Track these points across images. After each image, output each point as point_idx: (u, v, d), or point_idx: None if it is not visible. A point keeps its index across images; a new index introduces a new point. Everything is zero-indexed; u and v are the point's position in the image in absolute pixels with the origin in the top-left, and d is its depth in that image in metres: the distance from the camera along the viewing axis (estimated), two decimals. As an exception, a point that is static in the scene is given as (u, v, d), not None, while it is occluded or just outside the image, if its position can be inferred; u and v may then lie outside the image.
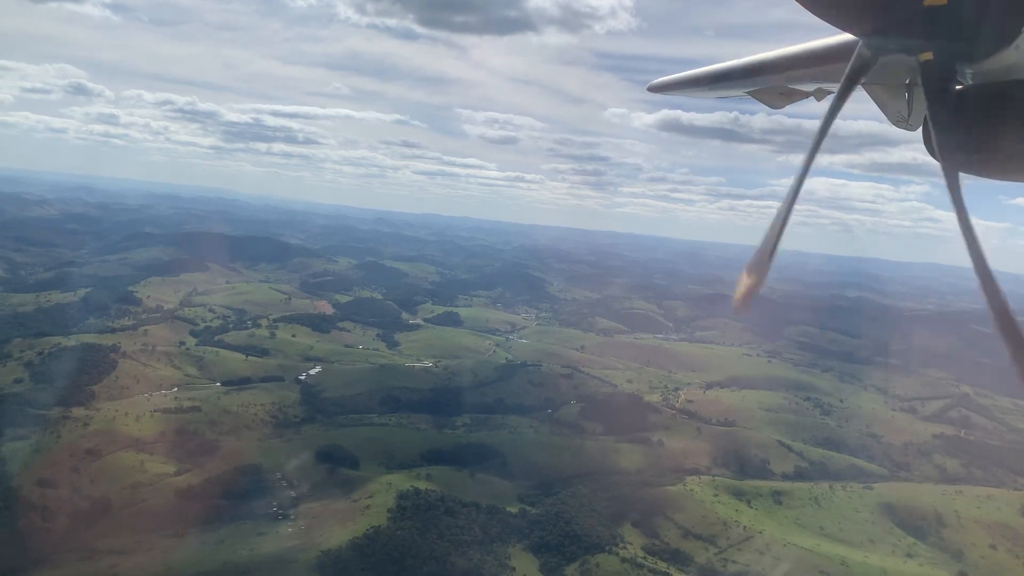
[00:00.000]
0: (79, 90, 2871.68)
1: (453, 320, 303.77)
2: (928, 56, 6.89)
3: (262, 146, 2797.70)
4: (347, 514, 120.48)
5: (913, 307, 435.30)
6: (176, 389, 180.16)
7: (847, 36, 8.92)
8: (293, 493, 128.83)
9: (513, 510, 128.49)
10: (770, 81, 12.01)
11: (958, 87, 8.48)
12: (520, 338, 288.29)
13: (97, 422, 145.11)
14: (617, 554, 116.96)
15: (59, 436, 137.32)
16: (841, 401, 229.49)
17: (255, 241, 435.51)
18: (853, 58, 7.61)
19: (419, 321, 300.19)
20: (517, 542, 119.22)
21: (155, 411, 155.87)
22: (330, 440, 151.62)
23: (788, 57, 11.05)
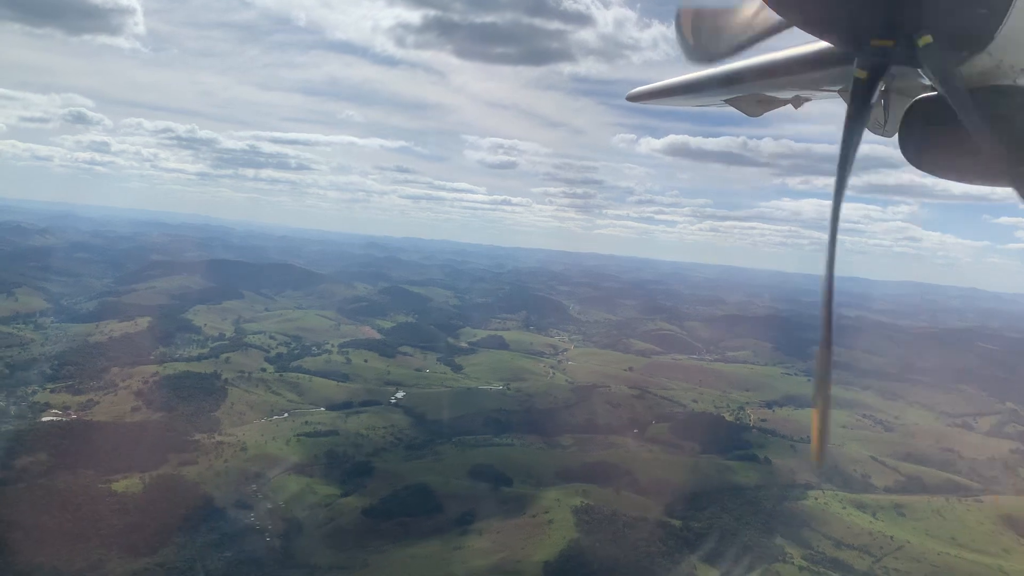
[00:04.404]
0: (78, 119, 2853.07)
1: (499, 343, 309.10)
2: (928, 39, 7.08)
3: (250, 172, 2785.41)
4: (534, 528, 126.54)
5: (912, 325, 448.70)
6: (286, 415, 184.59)
7: (823, 44, 9.34)
8: (465, 510, 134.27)
9: (677, 524, 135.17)
10: (747, 89, 12.31)
11: (935, 93, 9.05)
12: (568, 360, 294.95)
13: (252, 447, 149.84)
14: (792, 563, 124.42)
15: (226, 460, 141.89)
16: (896, 418, 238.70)
17: (275, 268, 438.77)
18: (851, 86, 8.06)
19: (465, 344, 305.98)
20: (691, 553, 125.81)
21: (298, 435, 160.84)
22: (470, 460, 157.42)
23: (765, 65, 11.27)
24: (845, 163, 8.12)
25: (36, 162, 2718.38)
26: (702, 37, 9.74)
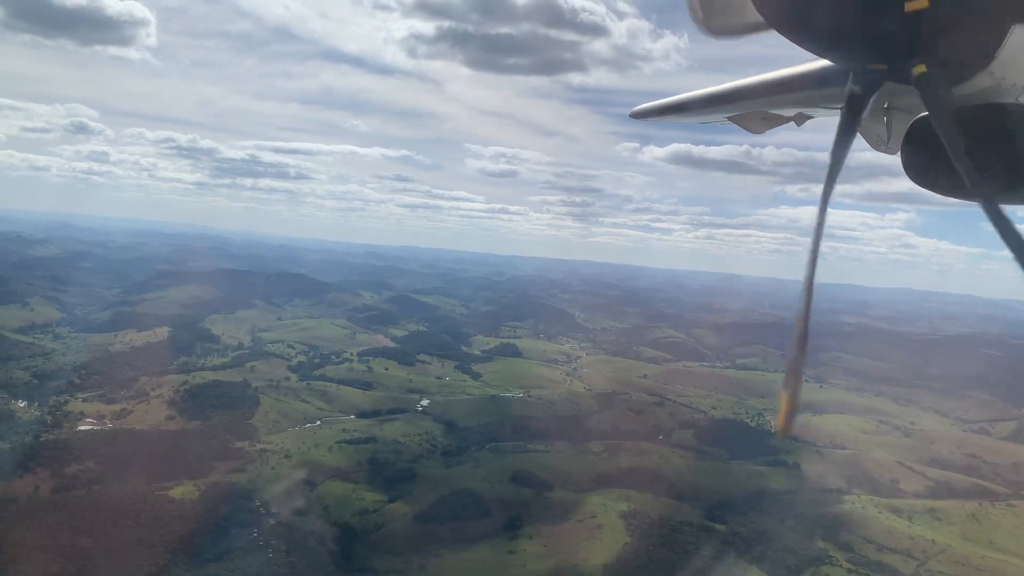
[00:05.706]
0: (80, 129, 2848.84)
1: (512, 351, 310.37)
2: (922, 69, 7.08)
3: (248, 181, 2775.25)
4: (585, 532, 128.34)
5: (912, 331, 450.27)
6: (319, 422, 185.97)
7: (824, 62, 9.33)
8: (512, 515, 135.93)
9: (721, 528, 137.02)
10: (750, 107, 12.16)
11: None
12: (583, 367, 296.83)
13: (296, 454, 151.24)
14: (839, 565, 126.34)
15: (273, 468, 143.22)
16: (912, 423, 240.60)
17: (282, 277, 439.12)
18: (846, 100, 8.04)
19: (479, 352, 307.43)
20: (740, 557, 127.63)
21: (338, 442, 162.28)
22: (509, 466, 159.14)
23: (767, 83, 11.22)
24: (833, 177, 8.23)
25: (33, 172, 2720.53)
26: (714, 10, 9.14)
